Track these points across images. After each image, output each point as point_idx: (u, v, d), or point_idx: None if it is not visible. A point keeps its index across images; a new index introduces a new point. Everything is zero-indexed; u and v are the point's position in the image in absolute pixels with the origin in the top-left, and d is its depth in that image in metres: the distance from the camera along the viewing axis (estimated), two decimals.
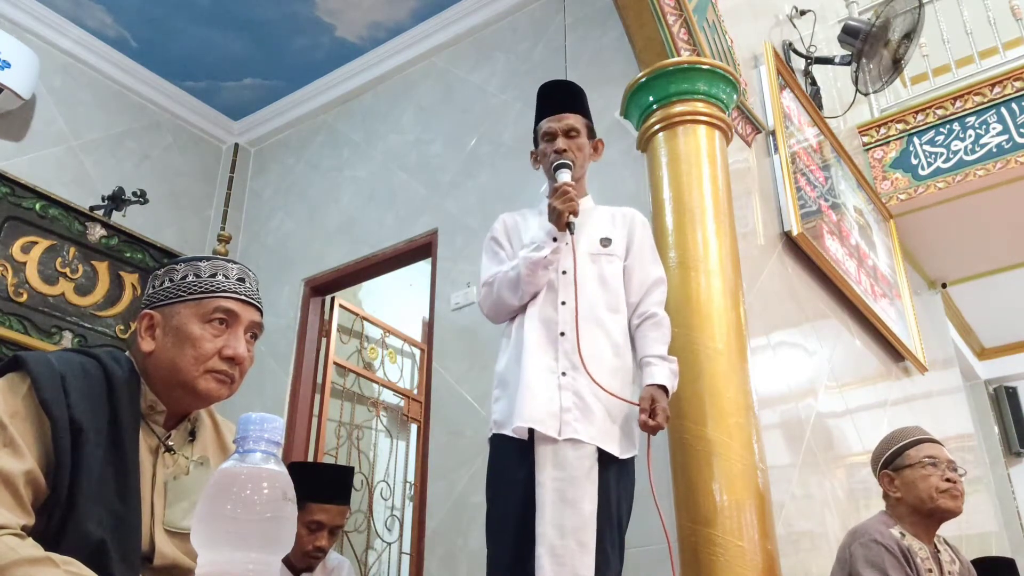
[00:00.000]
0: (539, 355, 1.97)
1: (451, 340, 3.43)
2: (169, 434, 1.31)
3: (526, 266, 2.00)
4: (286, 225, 4.44)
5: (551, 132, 2.16)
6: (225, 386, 1.32)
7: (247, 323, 1.34)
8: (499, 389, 2.04)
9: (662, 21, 2.78)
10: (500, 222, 2.23)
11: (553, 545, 1.76)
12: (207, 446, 1.39)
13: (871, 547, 2.12)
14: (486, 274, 2.12)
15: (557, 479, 1.83)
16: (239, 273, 1.36)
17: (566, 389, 1.92)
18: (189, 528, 1.20)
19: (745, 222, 2.96)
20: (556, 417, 1.88)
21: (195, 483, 1.30)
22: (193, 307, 1.30)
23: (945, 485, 2.20)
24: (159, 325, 1.30)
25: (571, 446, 1.86)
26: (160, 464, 1.28)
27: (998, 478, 5.78)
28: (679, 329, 2.46)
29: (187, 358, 1.28)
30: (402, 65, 4.31)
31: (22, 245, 2.91)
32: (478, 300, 2.13)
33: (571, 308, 1.99)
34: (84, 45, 4.25)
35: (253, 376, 4.05)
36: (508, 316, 2.09)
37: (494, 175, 3.63)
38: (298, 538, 2.33)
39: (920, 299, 4.75)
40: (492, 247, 2.18)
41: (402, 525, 4.55)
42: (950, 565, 2.21)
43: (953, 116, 4.30)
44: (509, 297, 2.04)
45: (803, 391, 3.06)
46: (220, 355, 1.29)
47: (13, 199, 2.94)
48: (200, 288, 1.31)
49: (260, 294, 1.40)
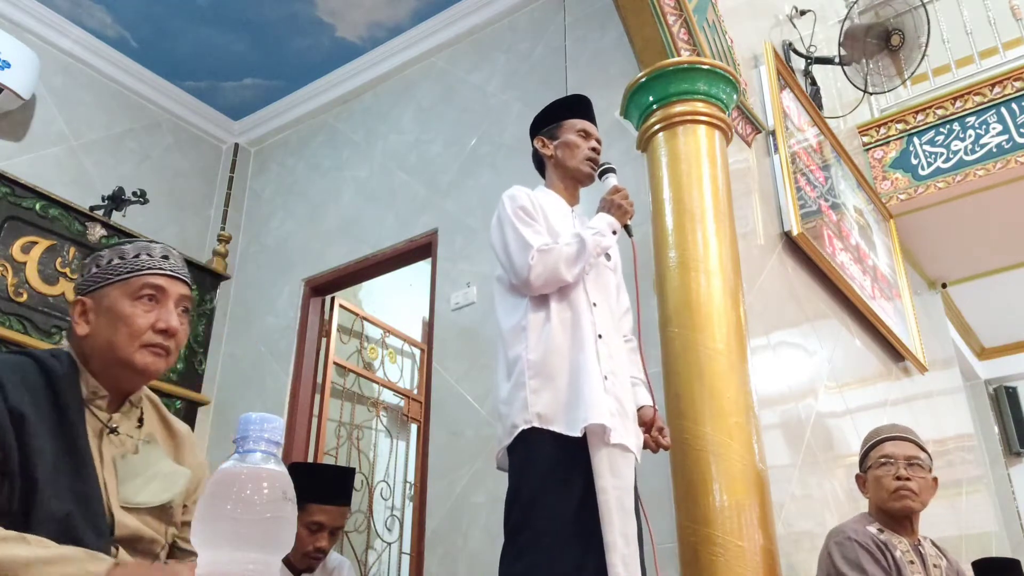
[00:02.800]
0: (590, 355, 1.91)
1: (451, 340, 3.43)
2: (111, 417, 1.36)
3: (595, 247, 2.01)
4: (286, 225, 4.44)
5: (589, 132, 2.24)
6: (161, 359, 1.37)
7: (176, 297, 1.40)
8: (537, 380, 1.90)
9: (662, 21, 2.78)
10: (523, 193, 2.13)
11: (624, 554, 1.76)
12: (154, 430, 1.44)
13: (846, 545, 2.15)
14: (535, 240, 1.99)
15: (616, 487, 1.81)
16: (162, 251, 1.42)
17: (610, 394, 1.89)
18: (144, 503, 1.30)
19: (745, 222, 2.96)
20: (608, 422, 1.85)
21: (144, 461, 1.35)
22: (121, 287, 1.36)
23: (894, 485, 2.21)
24: (91, 309, 1.36)
25: (620, 453, 1.85)
26: (106, 444, 1.32)
27: (998, 478, 5.78)
28: (679, 329, 2.47)
29: (122, 335, 1.33)
30: (402, 65, 4.32)
31: (22, 245, 2.91)
32: (530, 263, 1.95)
33: (602, 311, 2.01)
34: (84, 45, 4.25)
35: (253, 376, 4.09)
36: (553, 289, 1.99)
37: (494, 175, 3.63)
38: (298, 539, 2.33)
39: (920, 299, 4.75)
40: (523, 216, 2.07)
41: (402, 525, 4.55)
42: (935, 559, 2.22)
43: (953, 116, 4.30)
44: (565, 271, 1.97)
45: (803, 391, 3.06)
46: (153, 329, 1.35)
47: (13, 199, 2.94)
48: (126, 268, 1.38)
49: (185, 269, 1.46)
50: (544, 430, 1.84)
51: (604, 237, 2.03)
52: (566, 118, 2.25)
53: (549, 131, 2.26)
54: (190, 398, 3.25)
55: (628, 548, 1.77)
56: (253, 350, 4.18)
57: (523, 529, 1.79)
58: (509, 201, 2.10)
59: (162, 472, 1.36)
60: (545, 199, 2.16)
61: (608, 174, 2.19)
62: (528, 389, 1.89)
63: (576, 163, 2.19)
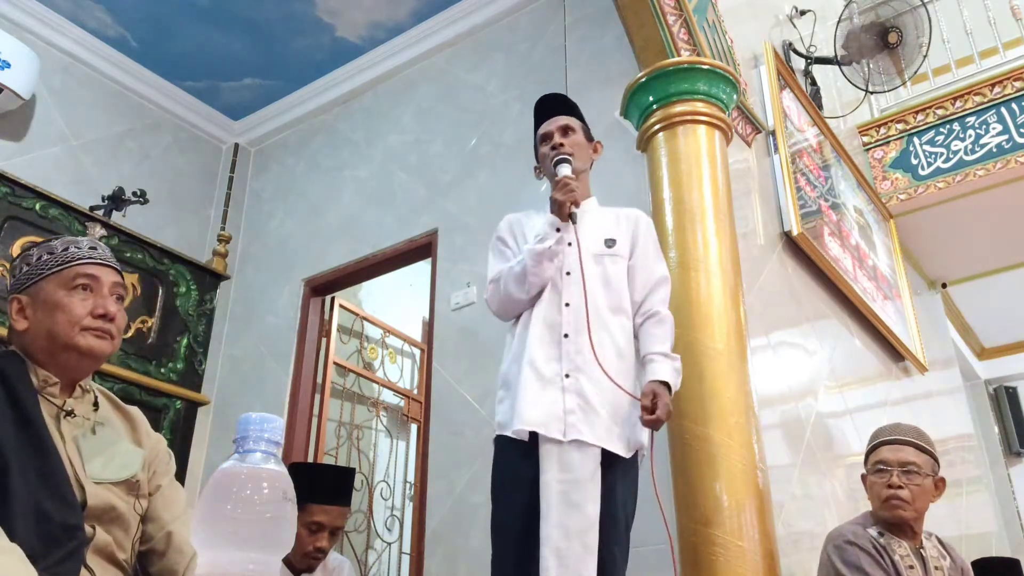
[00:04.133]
0: (541, 357, 1.97)
1: (451, 340, 3.43)
2: (65, 401, 1.40)
3: (531, 257, 2.01)
4: (286, 225, 4.44)
5: (547, 133, 2.20)
6: (105, 341, 1.42)
7: (109, 284, 1.45)
8: (502, 390, 2.05)
9: (662, 21, 2.78)
10: (505, 222, 2.23)
11: (558, 547, 1.77)
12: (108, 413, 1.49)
13: (845, 549, 2.14)
14: (493, 272, 2.12)
15: (562, 481, 1.83)
16: (90, 243, 1.48)
17: (569, 391, 1.92)
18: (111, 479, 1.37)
19: (745, 222, 2.96)
20: (560, 420, 1.88)
21: (103, 441, 1.40)
22: (55, 280, 1.41)
23: (886, 493, 2.18)
24: (28, 305, 1.41)
25: (576, 448, 1.86)
26: (65, 426, 1.37)
27: (998, 478, 5.77)
28: (679, 329, 2.45)
29: (61, 323, 1.38)
30: (402, 65, 4.32)
31: (22, 245, 2.91)
32: (486, 298, 2.13)
33: (575, 309, 2.00)
34: (84, 45, 4.25)
35: (253, 376, 4.09)
36: (516, 312, 2.08)
37: (494, 175, 3.63)
38: (298, 539, 2.33)
39: (920, 299, 4.75)
40: (498, 246, 2.19)
41: (402, 525, 4.55)
42: (937, 561, 2.20)
43: (953, 116, 4.30)
44: (516, 291, 2.03)
45: (803, 391, 3.06)
46: (92, 315, 1.40)
47: (13, 199, 2.94)
48: (56, 262, 1.43)
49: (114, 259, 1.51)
50: (502, 436, 1.98)
51: (542, 242, 2.03)
52: (536, 131, 2.26)
53: (536, 153, 2.27)
54: (190, 398, 3.26)
55: (567, 542, 1.77)
56: (253, 350, 4.18)
57: (493, 528, 1.94)
58: (494, 234, 2.22)
59: (121, 451, 1.42)
60: (532, 220, 2.20)
61: (559, 166, 2.11)
62: (497, 399, 2.06)
63: (549, 172, 2.18)
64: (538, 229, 2.09)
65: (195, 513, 0.78)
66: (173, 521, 1.45)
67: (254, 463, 0.78)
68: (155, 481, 1.47)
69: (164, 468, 1.52)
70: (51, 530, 1.22)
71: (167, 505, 1.47)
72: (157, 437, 1.54)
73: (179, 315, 3.35)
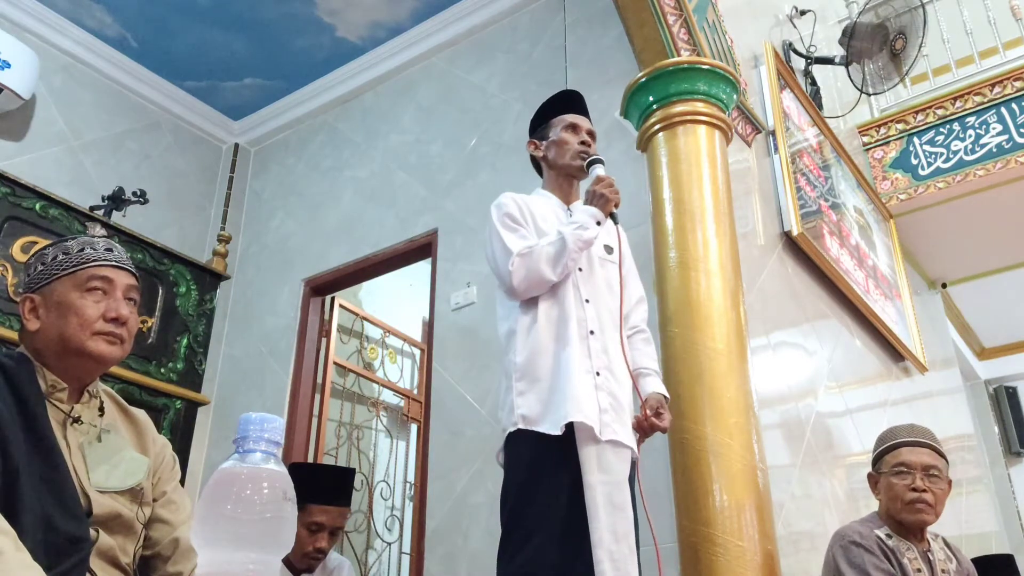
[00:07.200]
0: (575, 353, 1.91)
1: (451, 340, 3.43)
2: (72, 407, 1.38)
3: (576, 242, 1.96)
4: (286, 225, 4.44)
5: (577, 125, 2.21)
6: (116, 346, 1.40)
7: (123, 287, 1.43)
8: (523, 383, 1.92)
9: (662, 21, 2.78)
10: (510, 199, 2.13)
11: (611, 550, 1.75)
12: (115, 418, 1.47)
13: (851, 549, 2.13)
14: (516, 245, 2.00)
15: (605, 483, 1.80)
16: (106, 244, 1.46)
17: (602, 390, 1.89)
18: (115, 488, 1.35)
19: (745, 222, 2.96)
20: (597, 419, 1.84)
21: (109, 448, 1.39)
22: (69, 280, 1.39)
23: (910, 496, 2.16)
24: (40, 305, 1.39)
25: (611, 448, 1.84)
26: (71, 433, 1.36)
27: (998, 478, 5.78)
28: (679, 329, 2.46)
29: (72, 326, 1.36)
30: (402, 65, 4.32)
31: (22, 245, 2.91)
32: (510, 269, 1.97)
33: (595, 307, 2.00)
34: (84, 45, 4.25)
35: (253, 376, 4.09)
36: (538, 292, 1.99)
37: (494, 175, 3.63)
38: (298, 539, 2.33)
39: (920, 299, 4.75)
40: (508, 222, 2.08)
41: (402, 525, 4.55)
42: (944, 564, 2.19)
43: (953, 116, 4.30)
44: (548, 271, 1.96)
45: (803, 391, 3.06)
46: (104, 318, 1.38)
47: (13, 199, 2.94)
48: (71, 263, 1.41)
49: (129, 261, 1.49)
50: (529, 431, 1.86)
51: (586, 230, 1.99)
52: (555, 115, 2.24)
53: (540, 132, 2.26)
54: (190, 398, 3.26)
55: (617, 544, 1.76)
56: (253, 350, 4.18)
57: (515, 529, 1.82)
58: (496, 209, 2.12)
59: (126, 459, 1.40)
60: (537, 202, 2.16)
61: (595, 165, 2.15)
62: (515, 392, 1.93)
63: (567, 159, 2.18)
64: (575, 216, 2.06)
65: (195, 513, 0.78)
66: (179, 527, 1.45)
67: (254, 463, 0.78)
68: (160, 487, 1.47)
69: (169, 474, 1.51)
70: (57, 541, 1.21)
71: (173, 511, 1.46)
72: (163, 442, 1.53)
73: (179, 315, 3.35)
